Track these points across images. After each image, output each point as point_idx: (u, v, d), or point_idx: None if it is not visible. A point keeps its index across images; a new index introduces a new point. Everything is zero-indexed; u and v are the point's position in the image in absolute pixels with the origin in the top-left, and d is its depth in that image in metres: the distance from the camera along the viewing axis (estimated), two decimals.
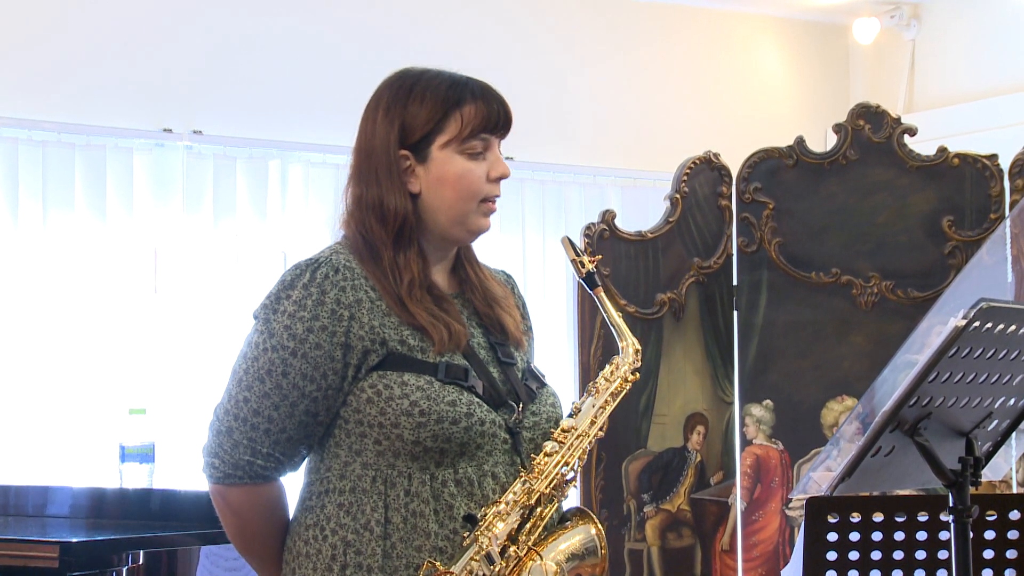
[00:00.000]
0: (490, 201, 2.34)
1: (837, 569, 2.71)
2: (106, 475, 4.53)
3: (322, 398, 2.22)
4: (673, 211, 4.36)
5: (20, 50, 5.31)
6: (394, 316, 2.24)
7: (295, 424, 2.22)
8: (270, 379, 2.22)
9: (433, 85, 2.32)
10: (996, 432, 2.21)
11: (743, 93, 6.80)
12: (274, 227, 5.63)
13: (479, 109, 2.31)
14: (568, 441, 2.28)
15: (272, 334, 2.23)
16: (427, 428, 2.19)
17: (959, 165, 4.34)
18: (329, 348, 2.21)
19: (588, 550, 2.28)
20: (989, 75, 6.49)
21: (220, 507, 2.30)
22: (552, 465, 2.25)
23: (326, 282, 2.23)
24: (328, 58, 5.79)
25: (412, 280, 2.27)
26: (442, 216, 2.31)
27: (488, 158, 2.33)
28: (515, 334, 2.38)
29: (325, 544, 2.24)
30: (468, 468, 2.23)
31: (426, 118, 2.30)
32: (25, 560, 3.22)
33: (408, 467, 2.21)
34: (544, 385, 2.38)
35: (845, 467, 2.10)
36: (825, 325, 4.37)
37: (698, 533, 4.37)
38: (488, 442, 2.24)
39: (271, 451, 2.23)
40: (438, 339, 2.24)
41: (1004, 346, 2.07)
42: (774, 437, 4.38)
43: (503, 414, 2.27)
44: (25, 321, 5.19)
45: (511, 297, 2.45)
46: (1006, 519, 2.69)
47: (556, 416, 2.35)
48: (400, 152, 2.30)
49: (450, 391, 2.22)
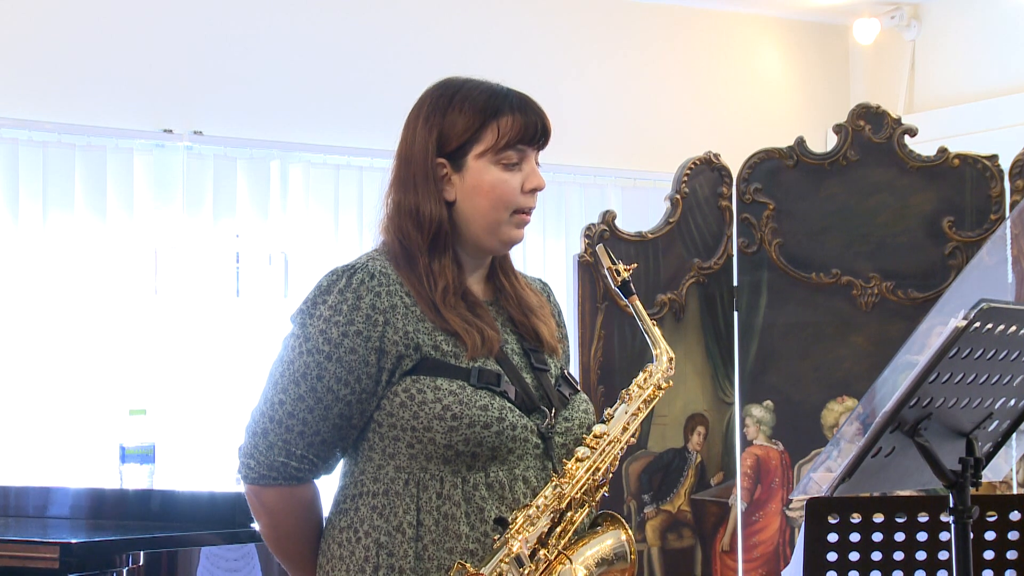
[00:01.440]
0: (524, 213, 2.35)
1: (837, 570, 2.71)
2: (106, 476, 4.53)
3: (356, 401, 2.24)
4: (673, 212, 4.36)
5: (20, 50, 5.31)
6: (428, 322, 2.27)
7: (329, 427, 2.25)
8: (305, 382, 2.25)
9: (473, 95, 2.35)
10: (996, 433, 2.21)
11: (743, 93, 6.80)
12: (274, 228, 5.62)
13: (516, 120, 2.32)
14: (600, 447, 2.30)
15: (308, 338, 2.26)
16: (459, 432, 2.22)
17: (959, 166, 4.34)
18: (364, 352, 2.23)
19: (618, 555, 2.30)
20: (989, 75, 6.49)
21: (255, 507, 2.33)
22: (583, 470, 2.27)
23: (362, 287, 2.26)
24: (328, 59, 5.79)
25: (447, 286, 2.30)
26: (475, 225, 2.33)
27: (524, 170, 2.34)
28: (550, 342, 2.41)
29: (359, 546, 2.27)
30: (499, 472, 2.25)
31: (463, 127, 2.32)
32: (25, 561, 3.22)
33: (440, 470, 2.24)
34: (577, 392, 2.41)
35: (845, 468, 2.10)
36: (825, 326, 4.37)
37: (698, 534, 4.37)
38: (519, 446, 2.26)
39: (305, 453, 2.26)
40: (471, 344, 2.27)
41: (1004, 347, 2.07)
42: (774, 438, 4.38)
43: (535, 419, 2.30)
44: (25, 322, 5.19)
45: (547, 306, 2.47)
46: (1006, 520, 2.69)
47: (589, 422, 2.37)
48: (437, 160, 2.33)
49: (482, 396, 2.24)
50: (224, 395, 5.42)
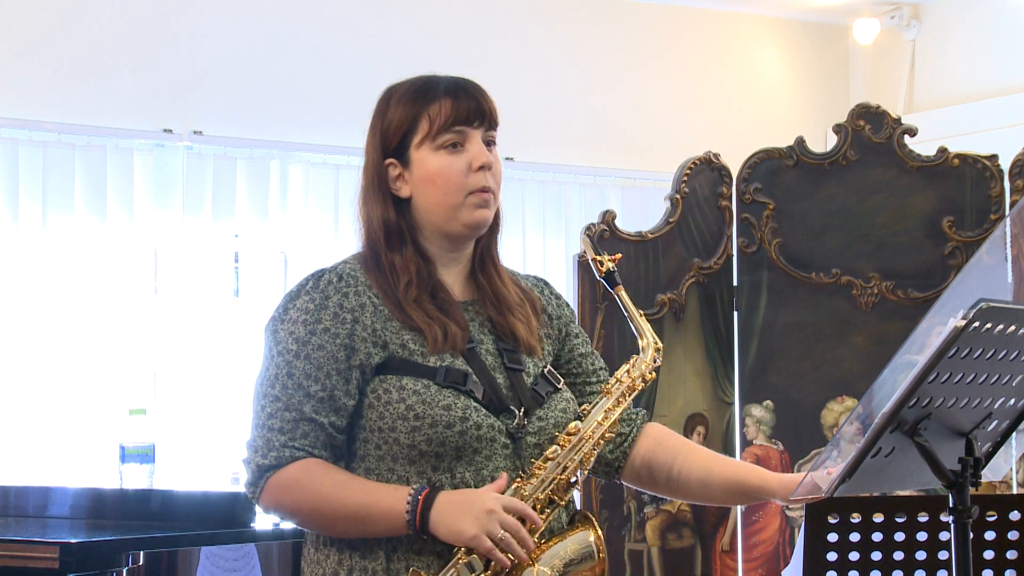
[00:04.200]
0: (479, 192, 2.32)
1: (837, 569, 2.71)
2: (106, 475, 4.53)
3: (328, 398, 2.22)
4: (673, 211, 4.36)
5: (20, 50, 5.31)
6: (396, 321, 2.26)
7: (306, 423, 2.23)
8: (278, 383, 2.24)
9: (404, 89, 2.36)
10: (996, 433, 2.21)
11: (743, 93, 6.80)
12: (274, 228, 5.63)
13: (447, 104, 2.31)
14: (569, 444, 2.27)
15: (278, 341, 2.26)
16: (422, 432, 2.20)
17: (959, 165, 4.34)
18: (332, 349, 2.22)
19: (585, 555, 2.26)
20: (989, 75, 6.49)
21: (276, 502, 2.24)
22: (550, 470, 2.25)
23: (329, 287, 2.26)
24: (328, 59, 5.79)
25: (409, 281, 2.28)
26: (434, 215, 2.32)
27: (469, 150, 2.32)
28: (527, 341, 2.37)
29: (332, 549, 2.26)
30: (466, 473, 2.23)
31: (399, 121, 2.33)
32: (25, 561, 3.22)
33: (406, 471, 2.22)
34: (558, 390, 2.37)
35: (845, 468, 2.10)
36: (825, 326, 4.37)
37: (698, 534, 4.37)
38: (486, 447, 2.24)
39: (287, 444, 2.23)
40: (431, 338, 2.25)
41: (1004, 346, 2.06)
42: (774, 438, 4.38)
43: (505, 419, 2.27)
44: (25, 322, 5.19)
45: (527, 304, 2.42)
46: (1006, 520, 2.69)
47: (567, 421, 2.33)
48: (386, 162, 2.33)
49: (446, 395, 2.22)
50: (224, 395, 5.42)
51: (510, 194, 6.13)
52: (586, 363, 2.49)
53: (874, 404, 2.13)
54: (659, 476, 2.46)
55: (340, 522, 2.23)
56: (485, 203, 2.33)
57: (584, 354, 2.49)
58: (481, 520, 2.14)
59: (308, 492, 2.23)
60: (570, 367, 2.47)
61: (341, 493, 2.21)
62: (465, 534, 2.15)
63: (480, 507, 2.15)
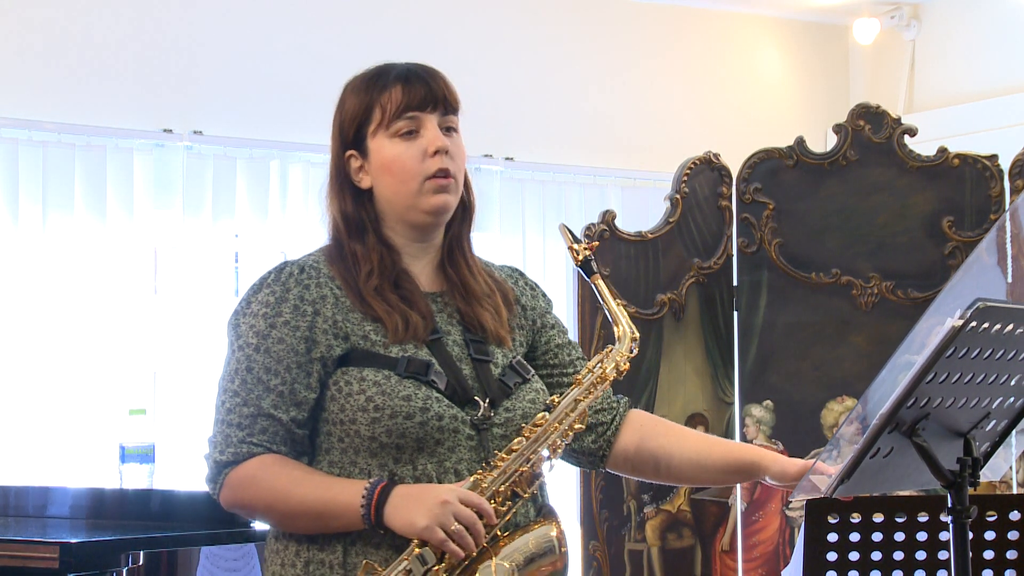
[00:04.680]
0: (436, 177, 2.28)
1: (837, 569, 2.71)
2: (106, 475, 4.53)
3: (288, 392, 2.21)
4: (673, 211, 4.36)
5: (20, 50, 5.31)
6: (357, 312, 2.25)
7: (265, 418, 2.22)
8: (237, 378, 2.25)
9: (358, 79, 2.35)
10: (994, 432, 2.21)
11: (743, 93, 6.80)
12: (274, 228, 5.63)
13: (398, 90, 2.29)
14: (533, 436, 2.24)
15: (239, 336, 2.26)
16: (381, 423, 2.18)
17: (959, 165, 4.34)
18: (292, 342, 2.22)
19: (546, 550, 2.23)
20: (989, 75, 6.49)
21: (235, 498, 2.25)
22: (512, 462, 2.21)
23: (290, 280, 2.27)
24: (328, 59, 5.79)
25: (371, 270, 2.27)
26: (394, 203, 2.30)
27: (424, 136, 2.29)
28: (496, 331, 2.34)
29: (291, 541, 2.25)
30: (428, 464, 2.20)
31: (354, 111, 2.32)
32: (25, 561, 3.22)
33: (368, 464, 2.21)
34: (527, 381, 2.34)
35: (844, 468, 2.10)
36: (825, 326, 4.37)
37: (698, 534, 4.37)
38: (449, 438, 2.21)
39: (244, 439, 2.22)
40: (392, 328, 2.23)
41: (1001, 346, 2.06)
42: (774, 438, 4.38)
43: (470, 411, 2.24)
44: (25, 322, 5.19)
45: (498, 295, 2.39)
46: (1006, 519, 2.69)
47: (535, 412, 2.29)
48: (347, 154, 2.33)
49: (407, 385, 2.20)
50: None
51: (510, 194, 6.14)
52: (562, 354, 2.45)
53: (873, 404, 2.13)
54: (648, 462, 2.44)
55: (297, 518, 2.21)
56: (443, 188, 2.29)
57: (560, 345, 2.46)
58: (434, 511, 2.12)
59: (264, 488, 2.21)
60: (547, 358, 2.44)
61: (297, 489, 2.19)
62: (417, 525, 2.12)
63: (434, 499, 2.13)
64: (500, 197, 6.06)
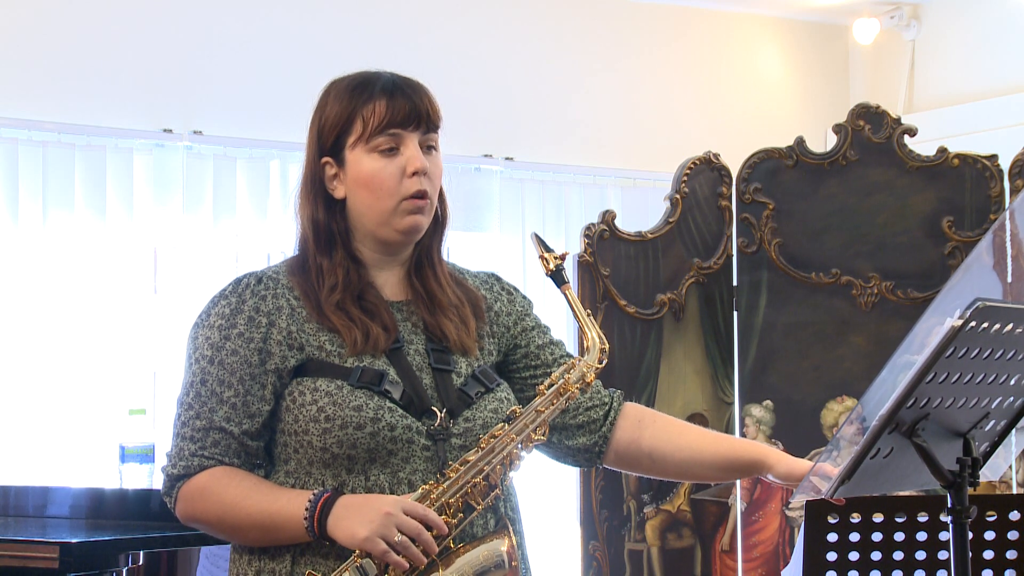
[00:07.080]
0: (413, 198, 2.24)
1: (837, 569, 2.71)
2: (106, 475, 4.53)
3: (241, 404, 2.20)
4: (673, 211, 4.36)
5: (20, 50, 5.31)
6: (314, 322, 2.22)
7: (217, 431, 2.21)
8: (192, 390, 2.24)
9: (342, 86, 2.29)
10: (993, 432, 2.21)
11: (743, 93, 6.80)
12: (274, 227, 5.63)
13: (382, 105, 2.24)
14: (489, 446, 2.20)
15: (196, 348, 2.25)
16: (332, 434, 2.16)
17: (959, 165, 4.34)
18: (245, 353, 2.20)
19: (495, 564, 2.18)
20: (989, 75, 6.49)
21: (187, 511, 2.23)
22: (464, 473, 2.17)
23: (246, 291, 2.25)
24: (328, 58, 5.78)
25: (335, 285, 2.24)
26: (366, 219, 2.26)
27: (404, 154, 2.24)
28: (461, 341, 2.29)
29: (244, 551, 2.25)
30: (381, 475, 2.17)
31: (334, 120, 2.27)
32: (25, 561, 3.22)
33: (322, 474, 2.18)
34: (490, 391, 2.29)
35: (845, 469, 2.10)
36: (825, 326, 4.37)
37: (698, 534, 4.37)
38: (402, 448, 2.18)
39: (196, 452, 2.22)
40: (350, 341, 2.20)
41: (1001, 346, 2.06)
42: (774, 437, 4.38)
43: (427, 421, 2.21)
44: (25, 321, 5.19)
45: (467, 305, 2.34)
46: (1006, 519, 2.69)
47: (497, 422, 2.25)
48: (323, 161, 2.29)
49: (359, 396, 2.17)
50: None
51: (510, 194, 6.14)
52: (545, 354, 2.42)
53: (873, 405, 2.13)
54: (646, 456, 2.41)
55: (247, 530, 2.20)
56: (419, 209, 2.25)
57: (542, 345, 2.43)
58: (376, 523, 2.09)
59: (213, 501, 2.19)
60: (528, 360, 2.41)
61: (244, 501, 2.17)
62: (358, 536, 2.09)
63: (376, 510, 2.10)
64: (500, 197, 6.07)
